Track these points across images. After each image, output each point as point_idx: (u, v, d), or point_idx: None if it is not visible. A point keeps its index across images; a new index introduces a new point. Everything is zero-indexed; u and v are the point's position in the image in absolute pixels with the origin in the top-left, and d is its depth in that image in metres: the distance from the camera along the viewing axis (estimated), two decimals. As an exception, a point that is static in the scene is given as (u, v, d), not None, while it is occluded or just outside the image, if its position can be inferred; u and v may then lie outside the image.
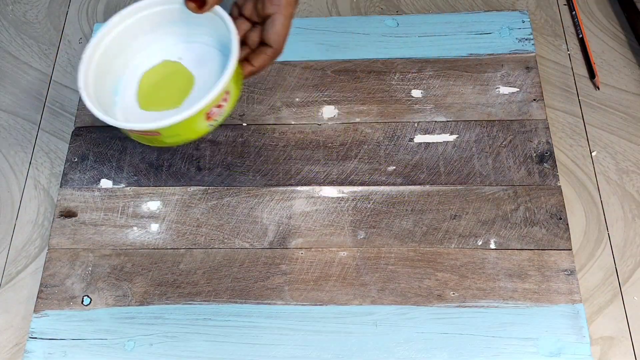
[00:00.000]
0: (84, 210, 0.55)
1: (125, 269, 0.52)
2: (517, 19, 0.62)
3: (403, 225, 0.53)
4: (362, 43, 0.62)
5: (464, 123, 0.57)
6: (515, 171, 0.55)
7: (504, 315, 0.49)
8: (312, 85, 0.60)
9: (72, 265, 0.52)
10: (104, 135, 0.58)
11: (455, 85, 0.59)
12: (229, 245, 0.53)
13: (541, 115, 0.57)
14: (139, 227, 0.54)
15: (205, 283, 0.51)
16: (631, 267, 0.52)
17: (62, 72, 0.64)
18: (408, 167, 0.55)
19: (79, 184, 0.56)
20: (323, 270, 0.51)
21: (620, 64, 0.61)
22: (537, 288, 0.50)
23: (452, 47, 0.61)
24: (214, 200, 0.55)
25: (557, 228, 0.52)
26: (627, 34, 0.63)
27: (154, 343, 0.49)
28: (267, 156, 0.57)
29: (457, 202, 0.54)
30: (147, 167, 0.56)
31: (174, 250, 0.53)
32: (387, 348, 0.48)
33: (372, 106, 0.58)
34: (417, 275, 0.51)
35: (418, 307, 0.50)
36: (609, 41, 0.63)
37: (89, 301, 0.51)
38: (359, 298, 0.50)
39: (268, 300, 0.51)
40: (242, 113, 0.59)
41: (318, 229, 0.53)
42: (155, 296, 0.51)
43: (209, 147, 0.57)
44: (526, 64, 0.60)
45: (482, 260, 0.51)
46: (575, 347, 0.48)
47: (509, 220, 0.53)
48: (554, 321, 0.49)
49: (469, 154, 0.56)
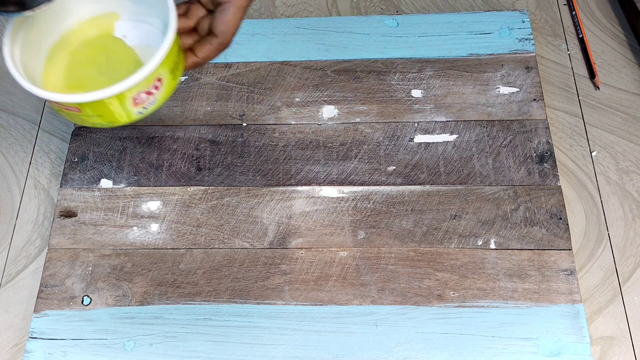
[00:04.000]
0: (84, 210, 0.55)
1: (125, 269, 0.52)
2: (517, 19, 0.62)
3: (403, 225, 0.53)
4: (362, 43, 0.62)
5: (464, 123, 0.57)
6: (515, 171, 0.55)
7: (504, 315, 0.49)
8: (312, 85, 0.60)
9: (72, 265, 0.52)
10: (104, 135, 0.58)
11: (455, 85, 0.59)
12: (229, 245, 0.53)
13: (541, 115, 0.57)
14: (139, 227, 0.54)
15: (205, 283, 0.51)
16: (631, 267, 0.52)
17: (62, 72, 0.64)
18: (408, 167, 0.55)
19: (79, 184, 0.56)
20: (323, 270, 0.51)
21: (620, 64, 0.61)
22: (537, 288, 0.50)
23: (452, 47, 0.61)
24: (214, 200, 0.55)
25: (557, 228, 0.52)
26: (627, 34, 0.63)
27: (154, 343, 0.49)
28: (267, 156, 0.57)
29: (457, 202, 0.54)
30: (147, 167, 0.56)
31: (174, 250, 0.53)
32: (387, 348, 0.48)
33: (372, 106, 0.58)
34: (417, 275, 0.51)
35: (418, 307, 0.50)
36: (609, 41, 0.63)
37: (89, 301, 0.51)
38: (359, 298, 0.50)
39: (268, 300, 0.51)
40: (242, 113, 0.59)
41: (318, 229, 0.53)
42: (155, 296, 0.51)
43: (209, 147, 0.57)
44: (526, 64, 0.60)
45: (482, 260, 0.51)
46: (576, 347, 0.48)
47: (509, 220, 0.53)
48: (554, 321, 0.49)
49: (469, 154, 0.56)
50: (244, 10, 0.40)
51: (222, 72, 0.61)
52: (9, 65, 0.39)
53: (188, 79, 0.61)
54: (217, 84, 0.60)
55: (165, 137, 0.58)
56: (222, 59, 0.62)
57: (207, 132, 0.58)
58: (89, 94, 0.37)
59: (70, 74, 0.43)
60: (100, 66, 0.43)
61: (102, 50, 0.44)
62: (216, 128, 0.58)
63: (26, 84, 0.39)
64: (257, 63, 0.61)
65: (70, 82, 0.43)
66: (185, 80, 0.61)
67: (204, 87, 0.60)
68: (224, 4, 0.40)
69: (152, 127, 0.58)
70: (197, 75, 0.61)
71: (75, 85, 0.43)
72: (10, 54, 0.40)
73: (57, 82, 0.43)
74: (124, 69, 0.42)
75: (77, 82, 0.43)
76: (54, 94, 0.38)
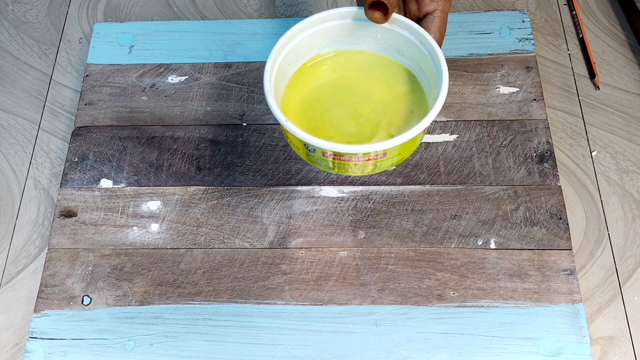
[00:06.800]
0: (84, 210, 0.55)
1: (125, 269, 0.52)
2: (517, 18, 0.62)
3: (403, 225, 0.53)
4: (362, 43, 0.62)
5: (464, 123, 0.57)
6: (515, 171, 0.55)
7: (504, 315, 0.49)
8: (312, 85, 0.60)
9: (72, 265, 0.52)
10: (104, 135, 0.58)
11: (455, 85, 0.59)
12: (229, 245, 0.53)
13: (541, 115, 0.57)
14: (139, 227, 0.54)
15: (205, 283, 0.51)
16: (631, 267, 0.52)
17: (62, 72, 0.64)
18: (408, 167, 0.55)
19: (79, 183, 0.56)
20: (323, 270, 0.51)
21: (620, 64, 0.61)
22: (537, 288, 0.50)
23: (452, 47, 0.61)
24: (214, 200, 0.55)
25: (557, 228, 0.52)
26: (627, 34, 0.63)
27: (154, 343, 0.49)
28: (267, 156, 0.57)
29: (457, 202, 0.54)
30: (147, 167, 0.56)
31: (174, 250, 0.53)
32: (387, 348, 0.48)
33: (372, 106, 0.58)
34: (417, 275, 0.51)
35: (418, 307, 0.50)
36: (609, 41, 0.63)
37: (89, 301, 0.51)
38: (359, 298, 0.50)
39: (268, 300, 0.51)
40: (242, 113, 0.59)
41: (318, 229, 0.53)
42: (155, 296, 0.51)
43: (209, 147, 0.57)
44: (526, 64, 0.60)
45: (482, 260, 0.51)
46: (576, 347, 0.48)
47: (509, 220, 0.53)
48: (554, 321, 0.49)
49: (469, 153, 0.56)
50: (448, 15, 0.41)
51: (222, 72, 0.61)
52: (287, 124, 0.38)
53: (188, 78, 0.61)
54: (217, 84, 0.60)
55: (165, 137, 0.58)
56: (222, 58, 0.62)
57: (207, 132, 0.58)
58: (407, 134, 0.36)
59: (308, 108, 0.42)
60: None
61: None
62: (216, 128, 0.58)
63: (309, 137, 0.37)
64: (257, 63, 0.61)
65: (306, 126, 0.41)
66: (185, 80, 0.61)
67: (204, 87, 0.60)
68: (433, 12, 0.40)
69: (152, 127, 0.58)
70: (197, 75, 0.61)
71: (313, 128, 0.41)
72: (275, 99, 0.39)
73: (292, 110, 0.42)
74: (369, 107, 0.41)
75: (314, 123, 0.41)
76: (370, 145, 0.36)
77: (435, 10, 0.40)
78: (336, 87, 0.43)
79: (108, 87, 0.61)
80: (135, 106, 0.60)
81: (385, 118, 0.41)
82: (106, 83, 0.61)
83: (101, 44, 0.63)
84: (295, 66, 0.44)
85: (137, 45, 0.63)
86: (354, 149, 0.36)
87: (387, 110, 0.41)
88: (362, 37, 0.43)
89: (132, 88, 0.61)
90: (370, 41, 0.43)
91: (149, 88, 0.60)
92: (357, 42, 0.43)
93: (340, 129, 0.41)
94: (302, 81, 0.43)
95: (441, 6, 0.40)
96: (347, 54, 0.44)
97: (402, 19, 0.40)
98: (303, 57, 0.44)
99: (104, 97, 0.60)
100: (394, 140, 0.36)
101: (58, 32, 0.66)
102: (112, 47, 0.63)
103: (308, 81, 0.43)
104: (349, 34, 0.42)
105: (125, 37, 0.63)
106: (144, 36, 0.63)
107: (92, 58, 0.62)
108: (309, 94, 0.43)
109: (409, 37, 0.40)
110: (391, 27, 0.41)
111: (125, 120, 0.59)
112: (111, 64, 0.62)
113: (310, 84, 0.43)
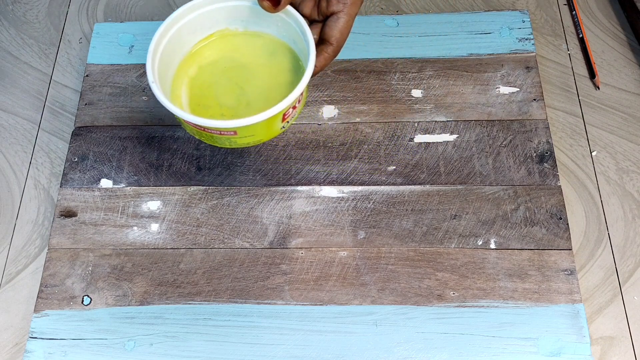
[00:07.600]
0: (84, 210, 0.55)
1: (125, 269, 0.52)
2: (517, 18, 0.62)
3: (403, 225, 0.53)
4: (362, 43, 0.62)
5: (464, 123, 0.57)
6: (515, 171, 0.55)
7: (504, 315, 0.49)
8: (312, 85, 0.60)
9: (72, 265, 0.52)
10: (104, 135, 0.58)
11: (455, 85, 0.59)
12: (229, 245, 0.53)
13: (541, 115, 0.57)
14: (139, 227, 0.54)
15: (205, 283, 0.51)
16: (631, 267, 0.52)
17: (62, 72, 0.64)
18: (408, 167, 0.55)
19: (79, 183, 0.56)
20: (323, 270, 0.51)
21: (620, 64, 0.61)
22: (537, 288, 0.50)
23: (452, 47, 0.61)
24: (214, 200, 0.55)
25: (557, 228, 0.52)
26: (627, 34, 0.63)
27: (154, 343, 0.49)
28: (267, 156, 0.57)
29: (457, 202, 0.54)
30: (147, 167, 0.56)
31: (174, 250, 0.53)
32: (387, 348, 0.48)
33: (372, 106, 0.58)
34: (417, 275, 0.51)
35: (418, 307, 0.50)
36: (609, 41, 0.63)
37: (89, 301, 0.51)
38: (359, 298, 0.50)
39: (268, 300, 0.51)
40: (242, 113, 0.59)
41: (318, 229, 0.53)
42: (155, 296, 0.51)
43: (209, 147, 0.57)
44: (526, 64, 0.60)
45: (482, 260, 0.51)
46: (576, 347, 0.48)
47: (509, 220, 0.53)
48: (554, 321, 0.49)
49: (469, 153, 0.56)
50: (354, 17, 0.43)
51: (222, 72, 0.61)
52: (161, 99, 0.40)
53: (188, 78, 0.61)
54: (217, 83, 0.60)
55: (165, 137, 0.58)
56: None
57: (207, 132, 0.58)
58: (255, 116, 0.38)
59: (195, 91, 0.44)
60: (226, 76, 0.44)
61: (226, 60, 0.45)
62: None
63: (185, 114, 0.39)
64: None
65: (195, 99, 0.44)
66: (185, 80, 0.61)
67: (204, 87, 0.60)
68: (338, 13, 0.42)
69: (152, 127, 0.58)
70: (197, 75, 0.61)
71: (200, 103, 0.44)
72: (161, 90, 0.40)
73: (182, 99, 0.44)
74: (254, 82, 0.44)
75: (201, 97, 0.44)
76: (228, 121, 0.38)
77: (341, 12, 0.42)
78: (230, 62, 0.45)
79: (108, 87, 0.61)
80: (135, 106, 0.60)
81: (262, 99, 0.43)
82: (106, 83, 0.61)
83: (101, 44, 0.63)
84: (199, 38, 0.46)
85: (137, 45, 0.63)
86: (200, 121, 0.38)
87: (268, 93, 0.43)
88: (267, 22, 0.45)
89: (132, 88, 0.61)
90: (273, 27, 0.45)
91: (149, 88, 0.60)
92: (264, 25, 0.45)
93: (220, 101, 0.43)
94: (202, 55, 0.46)
95: (347, 9, 0.42)
96: (251, 34, 0.46)
97: (295, 14, 0.42)
98: (209, 29, 0.45)
99: (104, 97, 0.60)
100: (234, 122, 0.38)
101: (58, 32, 0.66)
102: (112, 47, 0.63)
103: (207, 54, 0.46)
104: (258, 16, 0.44)
105: (125, 37, 0.64)
106: (144, 36, 0.63)
107: (92, 58, 0.62)
108: (206, 65, 0.45)
109: (299, 32, 0.43)
110: (287, 19, 0.43)
111: (125, 120, 0.59)
112: (111, 64, 0.62)
113: (210, 56, 0.45)
